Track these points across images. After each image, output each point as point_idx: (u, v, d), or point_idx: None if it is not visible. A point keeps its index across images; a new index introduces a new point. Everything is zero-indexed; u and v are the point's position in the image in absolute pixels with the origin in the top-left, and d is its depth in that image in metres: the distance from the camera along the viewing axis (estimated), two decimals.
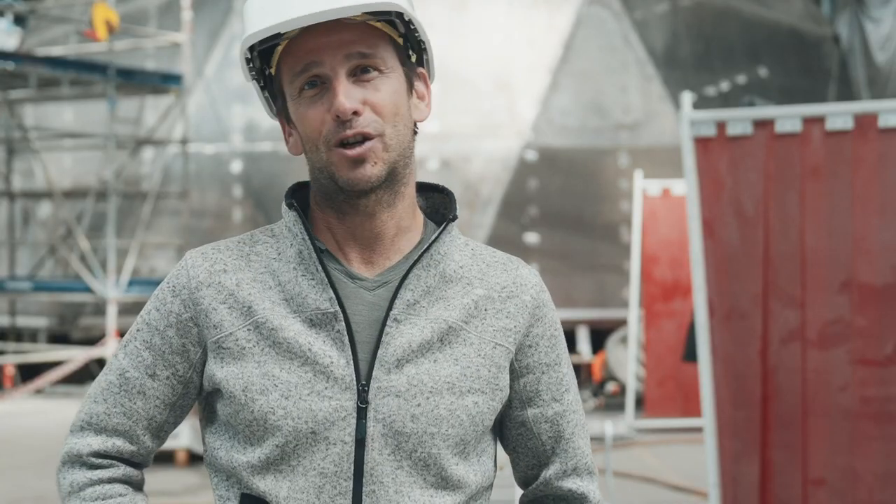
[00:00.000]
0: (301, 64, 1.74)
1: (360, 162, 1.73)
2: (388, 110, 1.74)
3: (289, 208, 1.81)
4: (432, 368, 1.76)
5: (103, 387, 1.84)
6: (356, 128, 1.72)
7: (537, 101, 14.87)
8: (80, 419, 1.85)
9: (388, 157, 1.75)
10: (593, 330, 14.31)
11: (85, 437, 1.83)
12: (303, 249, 1.78)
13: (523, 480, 1.96)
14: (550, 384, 1.88)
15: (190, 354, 1.81)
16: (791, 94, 15.74)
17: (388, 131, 1.74)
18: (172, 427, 1.87)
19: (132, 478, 1.86)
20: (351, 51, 1.73)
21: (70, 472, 1.83)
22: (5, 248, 16.11)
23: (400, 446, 1.74)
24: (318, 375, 1.74)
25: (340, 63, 1.73)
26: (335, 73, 1.73)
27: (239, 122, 15.16)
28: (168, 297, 1.82)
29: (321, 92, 1.74)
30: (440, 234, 1.81)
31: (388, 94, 1.75)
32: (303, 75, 1.74)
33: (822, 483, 4.68)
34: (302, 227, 1.79)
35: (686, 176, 4.95)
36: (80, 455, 1.83)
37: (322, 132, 1.74)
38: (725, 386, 4.84)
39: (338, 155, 1.73)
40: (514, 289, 1.85)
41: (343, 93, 1.72)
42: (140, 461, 1.87)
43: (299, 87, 1.76)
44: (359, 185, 1.74)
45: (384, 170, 1.74)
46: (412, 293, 1.77)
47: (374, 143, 1.73)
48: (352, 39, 1.74)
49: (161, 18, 15.93)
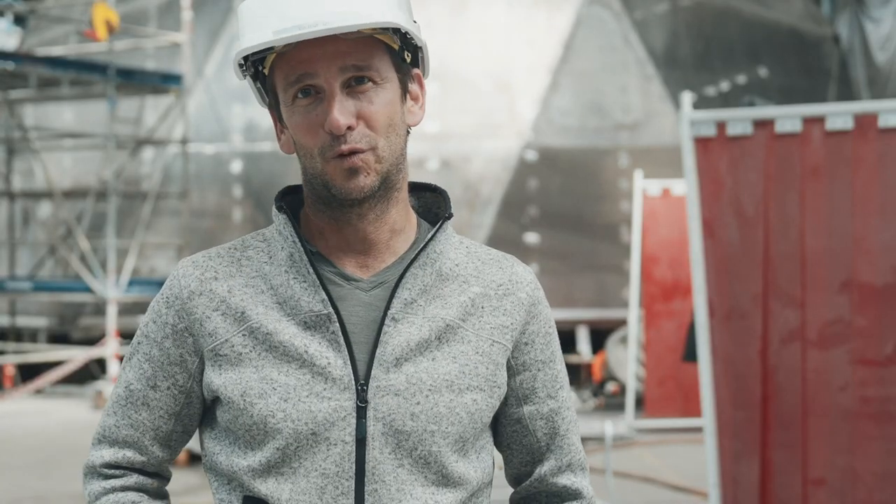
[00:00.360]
0: (295, 74, 1.74)
1: (355, 172, 1.74)
2: (382, 123, 1.75)
3: (279, 211, 1.82)
4: (431, 367, 1.77)
5: (113, 400, 1.88)
6: (350, 143, 1.73)
7: (537, 101, 14.87)
8: (97, 432, 1.90)
9: (381, 168, 1.75)
10: (593, 330, 14.31)
11: (100, 449, 1.88)
12: (294, 252, 1.79)
13: (515, 478, 1.96)
14: (546, 381, 1.89)
15: (188, 364, 1.82)
16: (791, 94, 15.74)
17: (380, 143, 1.75)
18: (183, 436, 1.88)
19: (146, 486, 1.88)
20: (346, 63, 1.73)
21: (90, 483, 1.88)
22: (5, 248, 16.12)
23: (400, 445, 1.75)
24: (316, 377, 1.74)
25: (335, 76, 1.73)
26: (329, 85, 1.73)
27: (239, 122, 15.16)
28: (163, 308, 1.83)
29: (315, 102, 1.74)
30: (436, 233, 1.81)
31: (382, 105, 1.75)
32: (297, 85, 1.75)
33: (822, 483, 4.67)
34: (292, 230, 1.79)
35: (686, 176, 4.95)
36: (95, 466, 1.88)
37: (317, 144, 1.75)
38: (725, 386, 4.84)
39: (332, 166, 1.74)
40: (509, 286, 1.85)
41: (337, 108, 1.72)
42: (153, 471, 1.89)
43: (293, 95, 1.76)
44: (352, 193, 1.74)
45: (377, 180, 1.75)
46: (409, 292, 1.78)
47: (367, 156, 1.74)
48: (347, 51, 1.73)
49: (161, 18, 15.93)
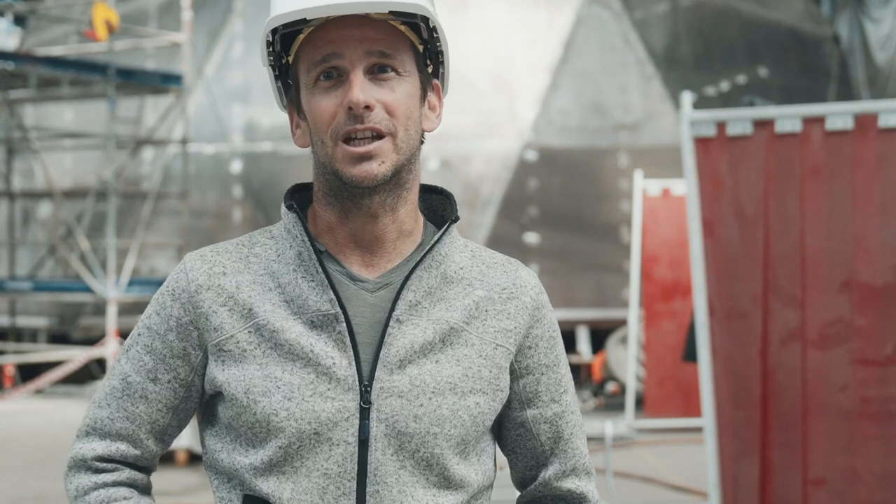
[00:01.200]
0: (321, 54, 1.74)
1: (367, 159, 1.73)
2: (402, 112, 1.75)
3: (288, 210, 1.81)
4: (434, 369, 1.77)
5: (107, 392, 1.85)
6: (367, 123, 1.72)
7: (537, 101, 14.87)
8: (85, 424, 1.86)
9: (397, 159, 1.75)
10: (593, 330, 14.31)
11: (90, 441, 1.84)
12: (302, 251, 1.78)
13: (521, 481, 1.96)
14: (549, 385, 1.88)
15: (191, 358, 1.81)
16: (791, 94, 15.74)
17: (400, 133, 1.74)
18: (176, 430, 1.87)
19: (137, 481, 1.86)
20: (372, 48, 1.73)
21: (76, 477, 1.84)
22: (5, 248, 16.11)
23: (403, 446, 1.75)
24: (320, 377, 1.74)
25: (360, 58, 1.73)
26: (353, 66, 1.73)
27: (239, 122, 15.15)
28: (168, 300, 1.82)
29: (336, 84, 1.74)
30: (442, 236, 1.81)
31: (403, 96, 1.75)
32: (321, 65, 1.74)
33: (822, 483, 4.68)
34: (302, 229, 1.79)
35: (686, 176, 4.95)
36: (85, 460, 1.84)
37: (331, 124, 1.74)
38: (725, 386, 4.84)
39: (342, 151, 1.73)
40: (514, 290, 1.85)
41: (358, 86, 1.72)
42: (145, 465, 1.88)
43: (315, 77, 1.75)
44: (363, 181, 1.73)
45: (391, 170, 1.74)
46: (414, 294, 1.78)
47: (385, 143, 1.73)
48: (374, 37, 1.74)
49: (161, 18, 15.93)
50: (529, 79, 14.94)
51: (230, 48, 15.30)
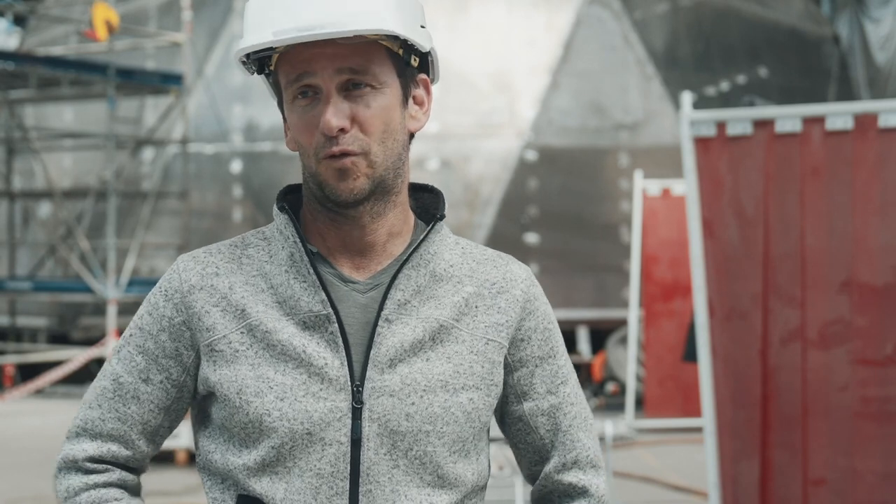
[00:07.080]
0: (295, 73, 1.75)
1: (344, 174, 1.74)
2: (377, 128, 1.75)
3: (280, 211, 1.82)
4: (425, 367, 1.77)
5: (98, 392, 1.84)
6: (341, 145, 1.73)
7: (537, 101, 14.87)
8: (75, 425, 1.85)
9: (373, 174, 1.75)
10: (593, 330, 14.31)
11: (80, 442, 1.84)
12: (294, 252, 1.79)
13: (530, 477, 1.96)
14: (545, 377, 1.88)
15: (183, 358, 1.81)
16: (791, 94, 15.74)
17: (373, 149, 1.75)
18: (168, 431, 1.87)
19: (128, 482, 1.86)
20: (343, 65, 1.73)
21: (66, 478, 1.83)
22: (5, 248, 16.12)
23: (395, 445, 1.75)
24: (312, 377, 1.74)
25: (331, 77, 1.73)
26: (326, 86, 1.74)
27: (239, 122, 15.15)
28: (160, 301, 1.82)
29: (313, 102, 1.75)
30: (428, 234, 1.81)
31: (378, 110, 1.75)
32: (296, 84, 1.75)
33: (822, 483, 4.67)
34: (293, 230, 1.79)
35: (686, 176, 4.95)
36: (75, 460, 1.83)
37: (312, 144, 1.75)
38: (725, 386, 4.84)
39: (325, 166, 1.75)
40: (504, 284, 1.85)
41: (331, 110, 1.72)
42: (136, 466, 1.87)
43: (293, 95, 1.77)
44: (344, 196, 1.75)
45: (367, 184, 1.75)
46: (402, 293, 1.78)
47: (358, 160, 1.74)
48: (345, 54, 1.73)
49: (161, 18, 15.94)
50: (529, 79, 14.94)
51: (230, 48, 15.29)
